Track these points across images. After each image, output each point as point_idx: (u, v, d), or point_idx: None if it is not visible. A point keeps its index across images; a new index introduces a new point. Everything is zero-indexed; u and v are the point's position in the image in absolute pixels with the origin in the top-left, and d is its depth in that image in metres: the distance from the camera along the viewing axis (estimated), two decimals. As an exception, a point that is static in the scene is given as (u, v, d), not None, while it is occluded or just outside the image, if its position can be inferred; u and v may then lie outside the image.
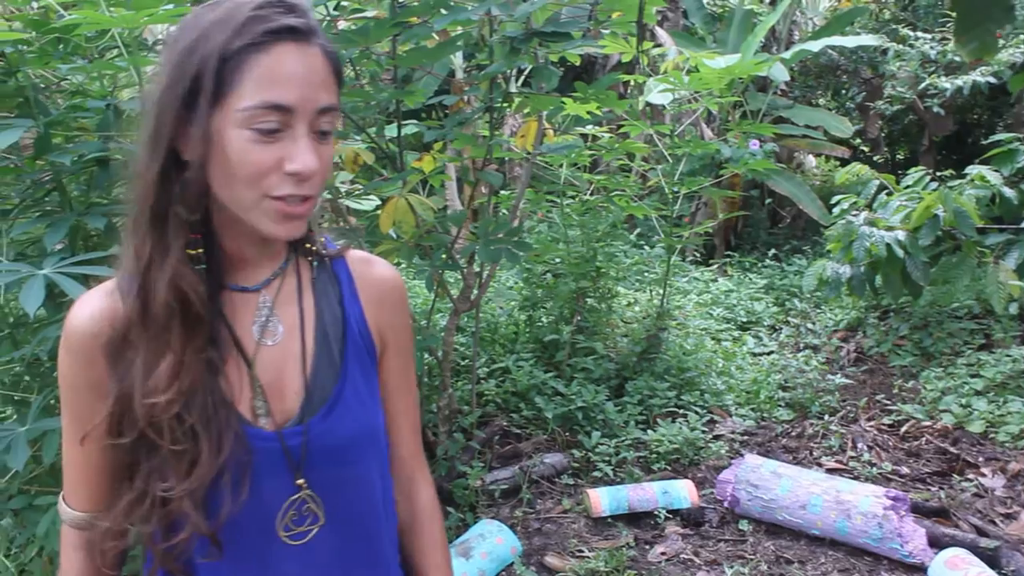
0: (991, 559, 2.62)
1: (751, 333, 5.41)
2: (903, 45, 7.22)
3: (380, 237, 2.83)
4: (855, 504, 2.78)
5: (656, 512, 3.06)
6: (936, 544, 2.72)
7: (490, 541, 2.71)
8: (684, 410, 3.91)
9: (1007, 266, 4.02)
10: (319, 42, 0.83)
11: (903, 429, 3.80)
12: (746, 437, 3.80)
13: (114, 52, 1.91)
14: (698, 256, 7.24)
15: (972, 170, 4.45)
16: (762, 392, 4.24)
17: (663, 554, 2.85)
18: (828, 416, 4.00)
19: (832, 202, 5.02)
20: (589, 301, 4.30)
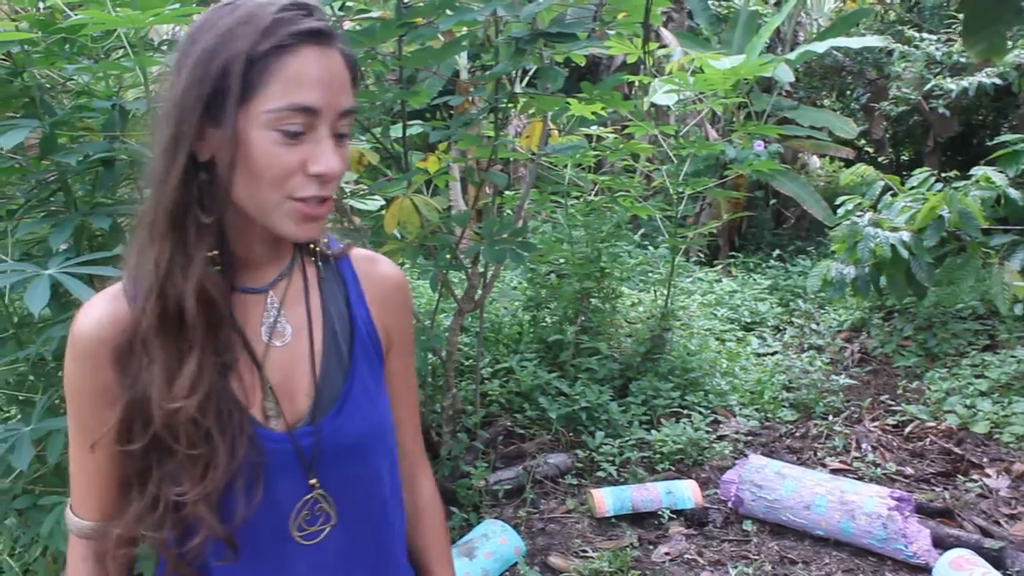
0: (996, 560, 2.61)
1: (755, 333, 5.40)
2: (908, 46, 7.20)
3: (384, 237, 2.84)
4: (859, 505, 2.78)
5: (660, 512, 3.06)
6: (940, 545, 2.71)
7: (494, 541, 2.71)
8: (688, 410, 3.91)
9: (1012, 267, 4.01)
10: (339, 45, 0.84)
11: (907, 430, 3.80)
12: (750, 437, 3.80)
13: (120, 52, 1.92)
14: (702, 257, 7.22)
15: (977, 171, 4.44)
16: (766, 392, 4.23)
17: (667, 554, 2.84)
18: (832, 417, 3.99)
19: (837, 203, 5.01)
20: (593, 301, 4.30)
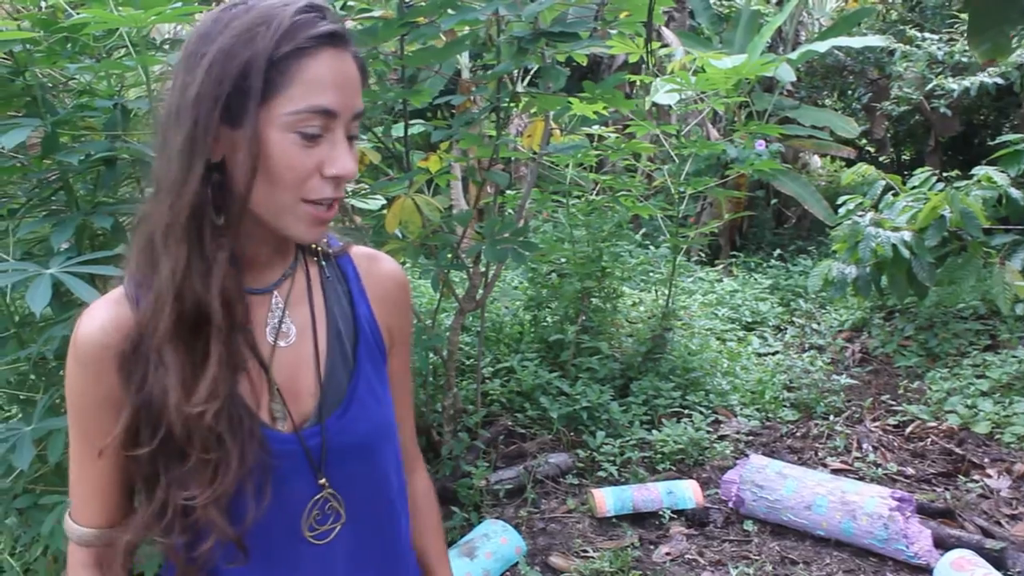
0: (997, 560, 2.61)
1: (756, 333, 5.40)
2: (910, 46, 7.19)
3: (386, 236, 2.84)
4: (860, 505, 2.78)
5: (661, 512, 3.06)
6: (942, 545, 2.71)
7: (495, 541, 2.71)
8: (689, 410, 3.91)
9: (1013, 267, 4.01)
10: (352, 48, 0.84)
11: (908, 430, 3.79)
12: (751, 437, 3.80)
13: (122, 51, 1.92)
14: (703, 256, 7.22)
15: (979, 171, 4.44)
16: (767, 392, 4.23)
17: (668, 554, 2.84)
18: (833, 416, 3.99)
19: (838, 202, 5.01)
20: (594, 301, 4.30)
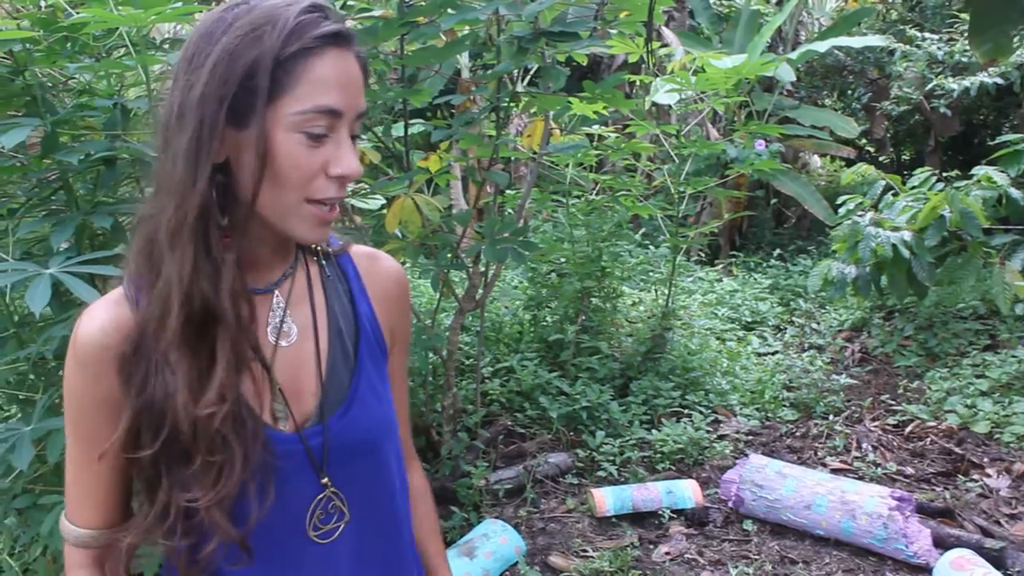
0: (996, 560, 2.61)
1: (756, 333, 5.40)
2: (910, 46, 7.19)
3: (386, 236, 2.84)
4: (860, 504, 2.78)
5: (660, 512, 3.06)
6: (941, 545, 2.71)
7: (494, 541, 2.71)
8: (689, 410, 3.91)
9: (1013, 267, 4.01)
10: (355, 47, 0.84)
11: (908, 429, 3.80)
12: (750, 437, 3.80)
13: (122, 51, 1.91)
14: (703, 256, 7.22)
15: (979, 171, 4.44)
16: (767, 392, 4.23)
17: (667, 554, 2.84)
18: (833, 416, 3.99)
19: (838, 202, 5.01)
20: (594, 301, 4.30)
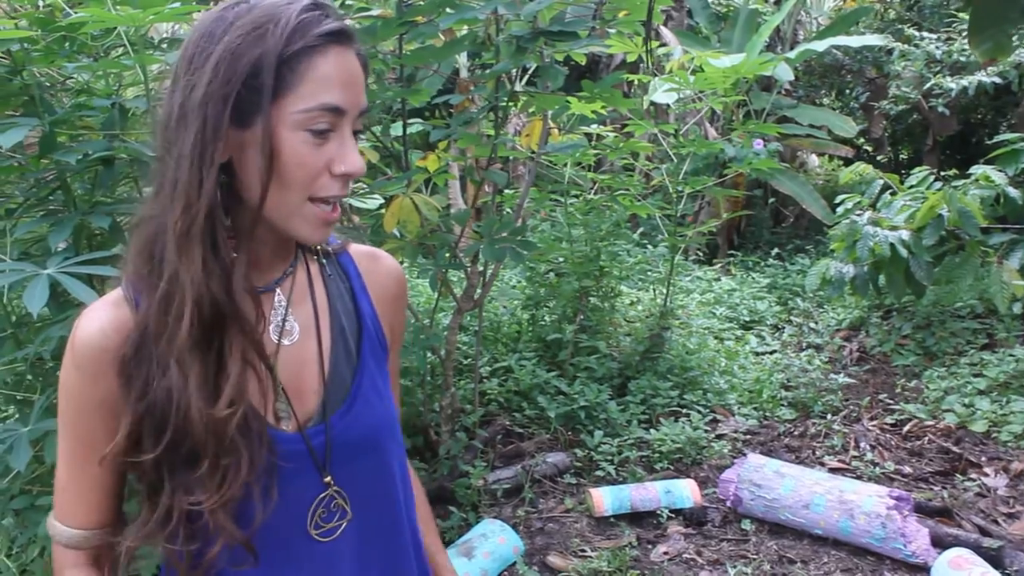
0: (994, 559, 2.61)
1: (754, 332, 5.40)
2: (908, 45, 7.19)
3: (384, 236, 2.84)
4: (858, 504, 2.78)
5: (659, 512, 3.06)
6: (939, 544, 2.72)
7: (492, 541, 2.71)
8: (687, 409, 3.91)
9: (1011, 266, 4.01)
10: (356, 45, 0.84)
11: (906, 429, 3.80)
12: (749, 436, 3.80)
13: (120, 50, 1.91)
14: (701, 255, 7.22)
15: (977, 170, 4.44)
16: (765, 391, 4.23)
17: (666, 554, 2.85)
18: (831, 415, 4.00)
19: (836, 201, 5.01)
20: (592, 300, 4.30)
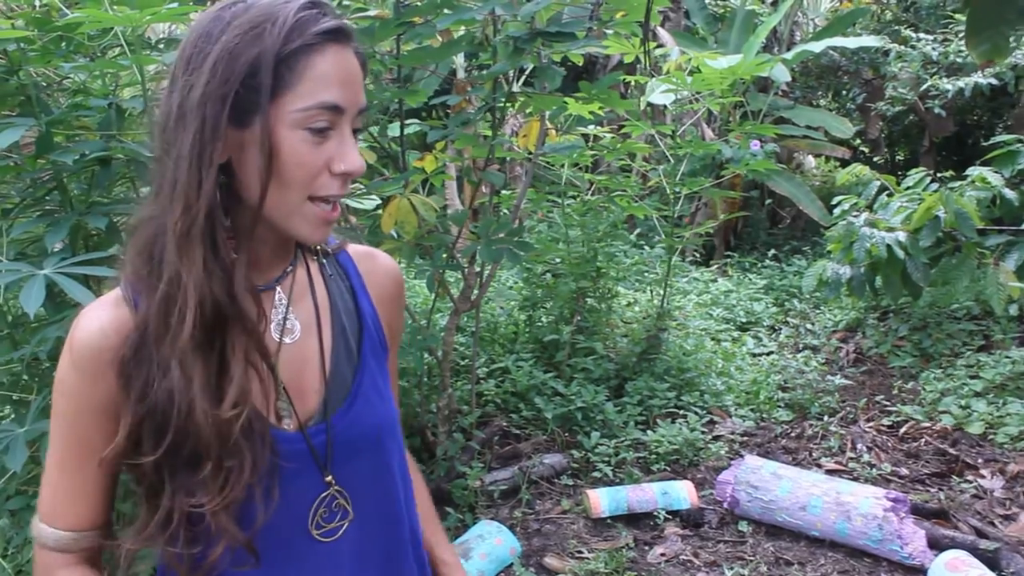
0: (991, 561, 2.61)
1: (751, 333, 5.40)
2: (904, 46, 7.21)
3: (381, 236, 2.83)
4: (855, 505, 2.78)
5: (655, 513, 3.06)
6: (936, 546, 2.72)
7: (489, 542, 2.70)
8: (684, 411, 3.91)
9: (1007, 267, 4.01)
10: (354, 43, 0.84)
11: (902, 430, 3.80)
12: (745, 438, 3.80)
13: (117, 50, 1.91)
14: (698, 256, 7.23)
15: (973, 171, 4.45)
16: (761, 393, 4.24)
17: (663, 555, 2.85)
18: (827, 417, 4.00)
19: (833, 203, 5.02)
20: (589, 301, 4.30)
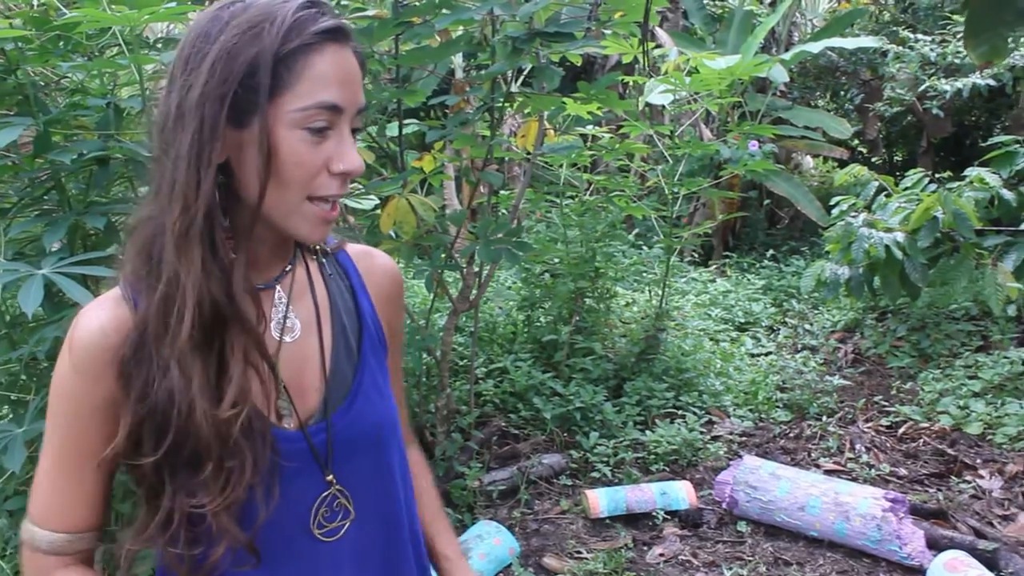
0: (989, 561, 2.62)
1: (749, 334, 5.40)
2: (902, 47, 7.22)
3: (380, 237, 2.83)
4: (854, 506, 2.78)
5: (654, 513, 3.06)
6: (935, 546, 2.72)
7: (488, 542, 2.70)
8: (682, 411, 3.91)
9: (1005, 268, 4.02)
10: (353, 43, 0.84)
11: (901, 431, 3.80)
12: (744, 438, 3.80)
13: (115, 50, 1.90)
14: (696, 257, 7.23)
15: (971, 172, 4.45)
16: (760, 393, 4.24)
17: (661, 555, 2.84)
18: (826, 417, 4.00)
19: (831, 203, 5.02)
20: (587, 301, 4.29)
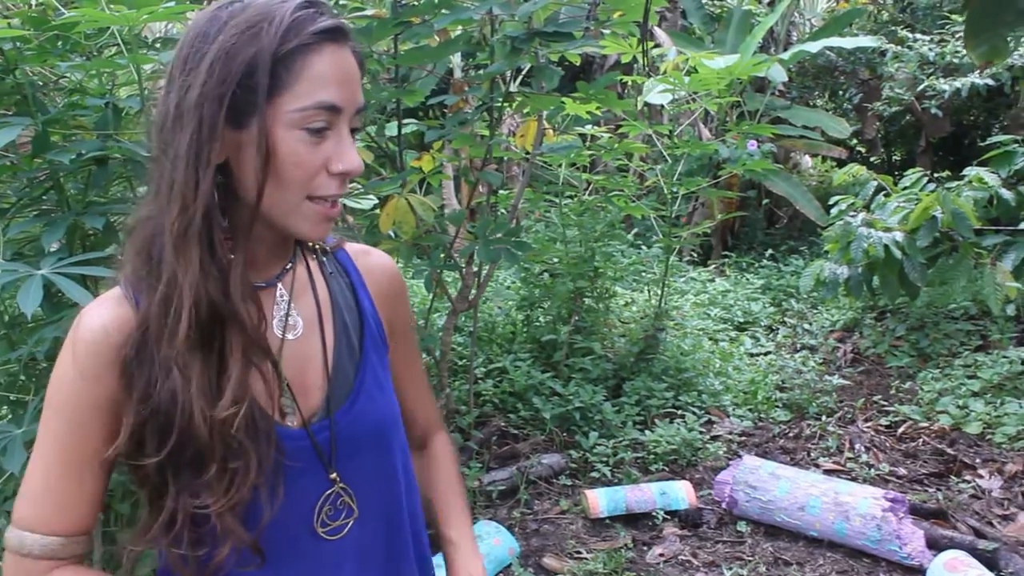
0: (989, 561, 2.62)
1: (748, 333, 5.40)
2: (901, 47, 7.22)
3: (379, 236, 2.83)
4: (854, 506, 2.78)
5: (654, 513, 3.06)
6: (934, 546, 2.72)
7: (487, 542, 2.70)
8: (682, 411, 3.91)
9: (1004, 267, 4.02)
10: (351, 43, 0.83)
11: (900, 430, 3.80)
12: (744, 438, 3.80)
13: (113, 49, 1.90)
14: (695, 256, 7.23)
15: (970, 172, 4.45)
16: (759, 393, 4.24)
17: (661, 555, 2.84)
18: (825, 417, 4.00)
19: (830, 203, 5.02)
20: (587, 301, 4.29)
